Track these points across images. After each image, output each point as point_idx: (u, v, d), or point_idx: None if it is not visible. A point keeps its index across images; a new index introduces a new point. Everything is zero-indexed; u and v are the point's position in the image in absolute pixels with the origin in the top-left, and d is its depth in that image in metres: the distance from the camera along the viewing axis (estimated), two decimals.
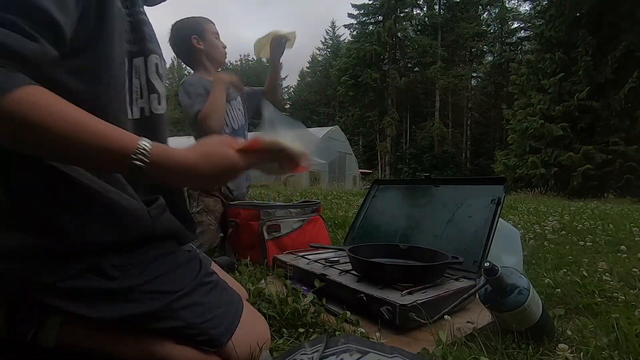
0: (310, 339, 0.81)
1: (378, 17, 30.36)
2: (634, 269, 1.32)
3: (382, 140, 28.62)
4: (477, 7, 28.88)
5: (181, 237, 0.70)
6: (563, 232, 2.37)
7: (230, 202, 1.67)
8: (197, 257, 0.71)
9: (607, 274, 1.31)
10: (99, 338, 0.63)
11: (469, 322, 0.89)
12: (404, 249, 1.21)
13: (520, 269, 1.16)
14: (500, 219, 1.20)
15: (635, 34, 13.26)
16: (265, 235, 1.51)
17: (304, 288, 1.04)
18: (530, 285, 0.80)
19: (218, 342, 0.63)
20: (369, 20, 31.33)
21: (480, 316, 0.89)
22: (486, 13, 29.36)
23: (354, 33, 32.32)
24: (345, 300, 0.98)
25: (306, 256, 1.35)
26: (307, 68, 45.34)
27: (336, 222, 2.62)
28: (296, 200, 3.12)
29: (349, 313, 0.89)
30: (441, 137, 26.75)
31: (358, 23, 32.09)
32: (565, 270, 1.38)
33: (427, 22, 29.69)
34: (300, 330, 0.84)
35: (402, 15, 29.93)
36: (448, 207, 1.33)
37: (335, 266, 1.19)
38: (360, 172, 19.58)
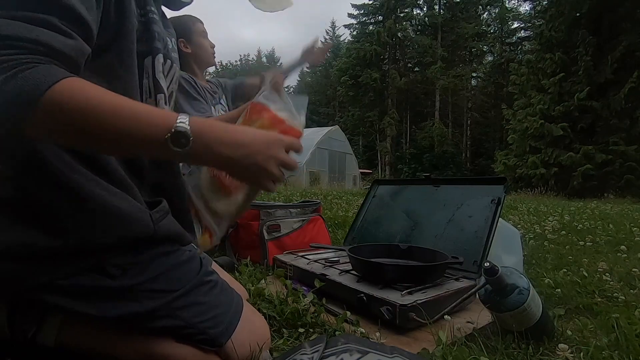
0: (310, 339, 0.81)
1: (378, 17, 30.35)
2: (634, 269, 1.32)
3: (382, 140, 28.61)
4: (477, 7, 28.87)
5: (181, 238, 0.70)
6: (563, 232, 2.37)
7: None
8: (197, 256, 0.70)
9: (607, 274, 1.31)
10: (99, 337, 0.62)
11: (469, 322, 0.89)
12: (404, 249, 1.21)
13: (520, 269, 1.16)
14: (500, 219, 1.20)
15: (635, 34, 13.27)
16: (265, 235, 1.51)
17: (304, 288, 1.04)
18: (530, 285, 0.80)
19: (217, 342, 0.63)
20: (369, 20, 31.32)
21: (480, 316, 0.89)
22: (486, 13, 29.34)
23: (354, 33, 32.32)
24: (345, 300, 0.98)
25: (306, 256, 1.35)
26: (307, 68, 45.39)
27: (336, 222, 2.62)
28: (296, 200, 3.13)
29: (349, 313, 0.89)
30: (441, 137, 26.74)
31: (358, 23, 32.08)
32: (565, 270, 1.38)
33: (427, 22, 29.67)
34: (300, 330, 0.84)
35: (402, 15, 29.90)
36: (448, 207, 1.33)
37: (335, 266, 1.19)
38: (360, 172, 19.59)
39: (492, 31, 29.16)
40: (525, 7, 27.65)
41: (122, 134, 0.48)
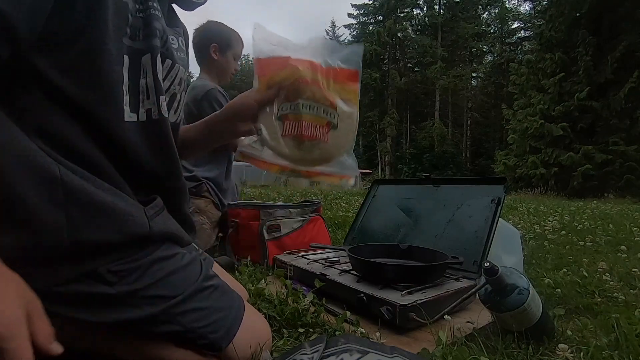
0: (310, 339, 0.81)
1: (378, 17, 30.38)
2: (634, 269, 1.32)
3: (382, 140, 28.62)
4: (477, 7, 28.89)
5: (179, 238, 0.68)
6: (563, 232, 2.37)
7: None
8: (197, 259, 0.69)
9: (607, 274, 1.31)
10: (99, 340, 0.62)
11: (469, 322, 0.89)
12: (404, 249, 1.21)
13: (520, 269, 1.16)
14: (500, 219, 1.20)
15: (635, 34, 13.27)
16: (265, 235, 1.51)
17: (304, 288, 1.04)
18: (530, 285, 0.80)
19: (218, 346, 0.63)
20: (369, 20, 31.35)
21: (480, 316, 0.89)
22: (486, 13, 29.37)
23: (354, 33, 32.34)
24: (345, 300, 0.98)
25: (306, 256, 1.35)
26: None
27: (336, 222, 2.62)
28: (296, 200, 3.13)
29: (349, 313, 0.89)
30: (441, 137, 26.75)
31: (358, 23, 32.10)
32: (565, 270, 1.38)
33: (427, 22, 29.68)
34: (300, 330, 0.84)
35: (402, 15, 29.94)
36: (448, 207, 1.33)
37: (335, 266, 1.19)
38: (360, 172, 19.57)
39: (492, 31, 29.18)
40: (525, 7, 27.71)
41: None
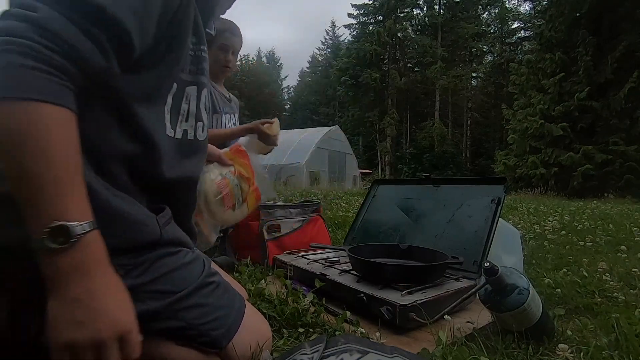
0: (310, 339, 0.81)
1: (378, 17, 30.32)
2: (634, 269, 1.32)
3: (382, 140, 28.58)
4: (477, 7, 28.85)
5: (185, 243, 0.70)
6: (563, 232, 2.37)
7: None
8: (200, 257, 0.70)
9: (607, 274, 1.31)
10: None
11: (469, 322, 0.89)
12: (404, 249, 1.21)
13: (520, 269, 1.16)
14: (500, 219, 1.20)
15: (635, 34, 13.25)
16: (265, 235, 1.51)
17: (304, 288, 1.04)
18: (530, 285, 0.80)
19: (219, 344, 0.63)
20: (369, 20, 31.30)
21: (480, 316, 0.89)
22: (486, 13, 29.32)
23: (354, 33, 32.30)
24: (345, 300, 0.98)
25: (306, 256, 1.35)
26: (307, 68, 45.37)
27: (336, 222, 2.62)
28: (296, 200, 3.13)
29: (349, 313, 0.89)
30: (441, 137, 26.71)
31: (358, 23, 32.06)
32: (565, 270, 1.38)
33: (427, 22, 29.64)
34: (300, 330, 0.84)
35: (402, 15, 29.87)
36: (448, 207, 1.33)
37: (335, 266, 1.19)
38: (360, 172, 19.55)
39: (492, 31, 29.15)
40: (525, 7, 27.64)
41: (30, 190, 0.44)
